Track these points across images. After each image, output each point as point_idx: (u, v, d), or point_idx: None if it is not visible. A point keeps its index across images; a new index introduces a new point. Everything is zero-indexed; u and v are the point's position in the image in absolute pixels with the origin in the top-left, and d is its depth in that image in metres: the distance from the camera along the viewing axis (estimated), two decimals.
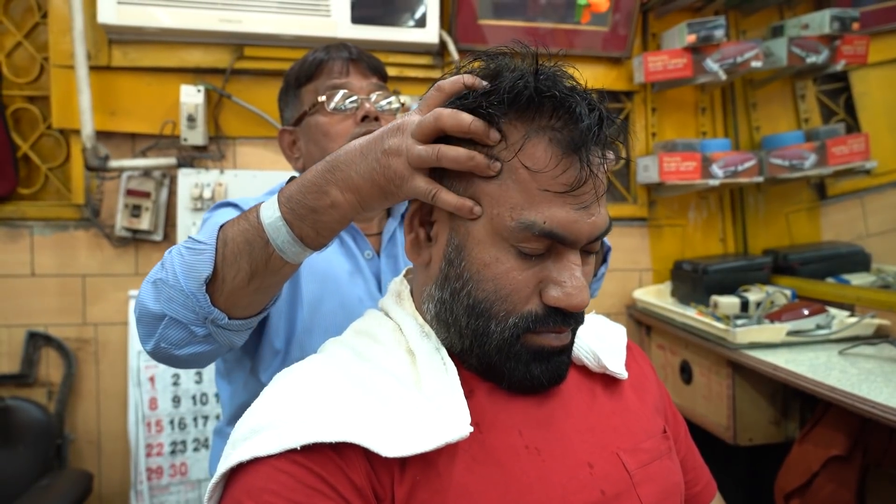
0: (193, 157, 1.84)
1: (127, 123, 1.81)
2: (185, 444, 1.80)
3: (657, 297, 2.03)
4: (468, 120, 0.59)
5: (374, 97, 1.04)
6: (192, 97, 1.76)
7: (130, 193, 1.78)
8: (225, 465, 0.56)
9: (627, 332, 0.84)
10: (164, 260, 0.72)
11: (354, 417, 0.56)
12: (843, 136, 2.00)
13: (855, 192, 2.16)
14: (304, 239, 0.66)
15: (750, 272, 1.91)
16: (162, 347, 0.73)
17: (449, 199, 0.61)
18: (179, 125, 1.78)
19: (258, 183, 1.82)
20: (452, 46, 1.91)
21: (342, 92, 1.02)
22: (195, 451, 1.80)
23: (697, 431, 1.46)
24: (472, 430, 0.57)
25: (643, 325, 2.05)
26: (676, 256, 2.12)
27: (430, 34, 1.85)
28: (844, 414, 1.34)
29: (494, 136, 0.59)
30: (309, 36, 1.77)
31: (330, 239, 0.69)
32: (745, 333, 1.54)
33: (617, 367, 0.73)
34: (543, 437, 0.63)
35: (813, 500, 1.39)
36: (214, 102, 1.85)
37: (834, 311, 1.69)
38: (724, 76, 1.94)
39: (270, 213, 0.66)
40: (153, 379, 1.79)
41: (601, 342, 0.76)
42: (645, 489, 0.64)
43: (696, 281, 1.89)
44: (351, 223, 1.03)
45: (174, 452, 1.79)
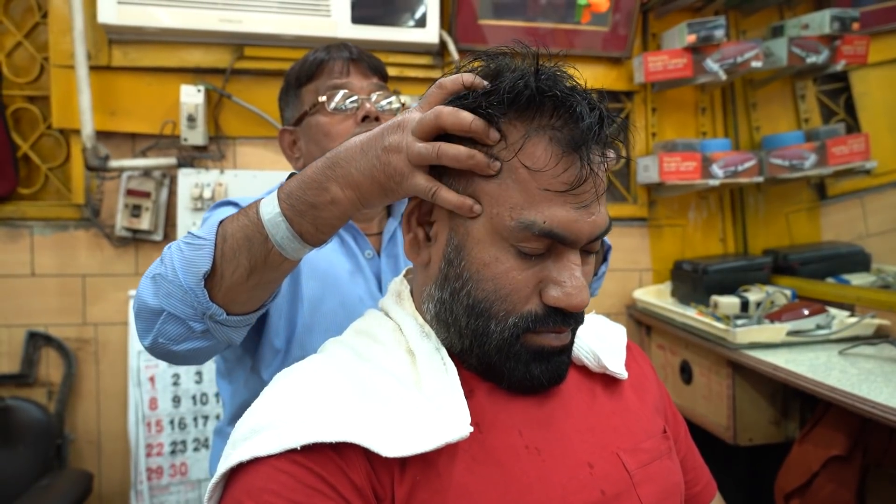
0: (193, 157, 1.84)
1: (127, 123, 1.81)
2: (185, 443, 1.80)
3: (657, 297, 2.03)
4: (468, 118, 0.59)
5: (374, 97, 1.04)
6: (192, 97, 1.76)
7: (130, 193, 1.78)
8: (225, 464, 0.56)
9: (627, 332, 0.84)
10: (163, 255, 0.72)
11: (354, 417, 0.56)
12: (843, 136, 2.00)
13: (855, 192, 2.16)
14: (303, 235, 0.66)
15: (750, 272, 1.91)
16: (160, 343, 0.73)
17: (449, 197, 0.61)
18: (179, 125, 1.78)
19: (258, 183, 1.82)
20: (452, 46, 1.91)
21: (343, 92, 1.02)
22: (195, 451, 1.80)
23: (697, 431, 1.46)
24: (472, 430, 0.57)
25: (643, 325, 2.05)
26: (676, 256, 2.12)
27: (430, 34, 1.85)
28: (844, 414, 1.34)
29: (494, 135, 0.59)
30: (309, 36, 1.77)
31: (329, 235, 0.68)
32: (745, 333, 1.54)
33: (617, 367, 0.73)
34: (543, 437, 0.63)
35: (813, 500, 1.39)
36: (214, 102, 1.85)
37: (834, 311, 1.69)
38: (724, 76, 1.94)
39: (270, 209, 0.66)
40: (153, 379, 1.79)
41: (601, 342, 0.76)
42: (645, 489, 0.64)
43: (696, 281, 1.89)
44: (352, 223, 1.04)
45: (174, 452, 1.79)
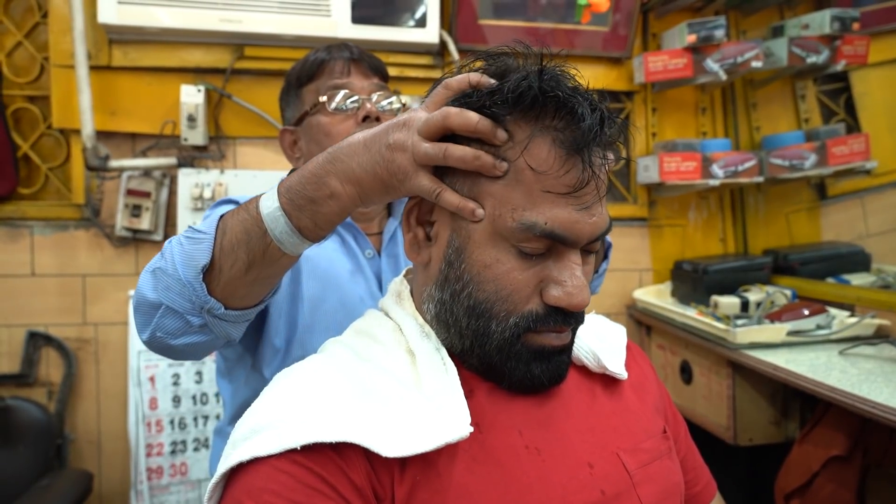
0: (194, 156, 1.84)
1: (127, 123, 1.81)
2: (185, 443, 1.80)
3: (657, 297, 2.03)
4: (476, 119, 0.58)
5: (375, 97, 1.04)
6: (192, 97, 1.76)
7: (131, 193, 1.78)
8: (225, 464, 0.56)
9: (627, 332, 0.84)
10: (164, 249, 0.72)
11: (354, 417, 0.56)
12: (843, 136, 2.00)
13: (855, 192, 2.16)
14: (302, 230, 0.66)
15: (750, 272, 1.91)
16: (157, 337, 0.73)
17: (452, 199, 0.61)
18: (180, 125, 1.78)
19: (258, 183, 1.82)
20: (453, 46, 1.91)
21: (343, 92, 1.02)
22: (195, 450, 1.80)
23: (697, 431, 1.46)
24: (472, 430, 0.57)
25: (643, 325, 2.05)
26: (676, 256, 2.12)
27: (430, 34, 1.85)
28: (845, 414, 1.34)
29: (502, 135, 0.59)
30: (309, 36, 1.77)
31: (328, 231, 0.68)
32: (745, 333, 1.54)
33: (617, 367, 0.73)
34: (543, 437, 0.63)
35: (813, 500, 1.39)
36: (215, 102, 1.85)
37: (834, 311, 1.69)
38: (724, 76, 1.94)
39: (269, 203, 0.66)
40: (153, 379, 1.79)
41: (601, 342, 0.76)
42: (645, 489, 0.64)
43: (696, 281, 1.89)
44: (352, 223, 1.04)
45: (174, 452, 1.79)
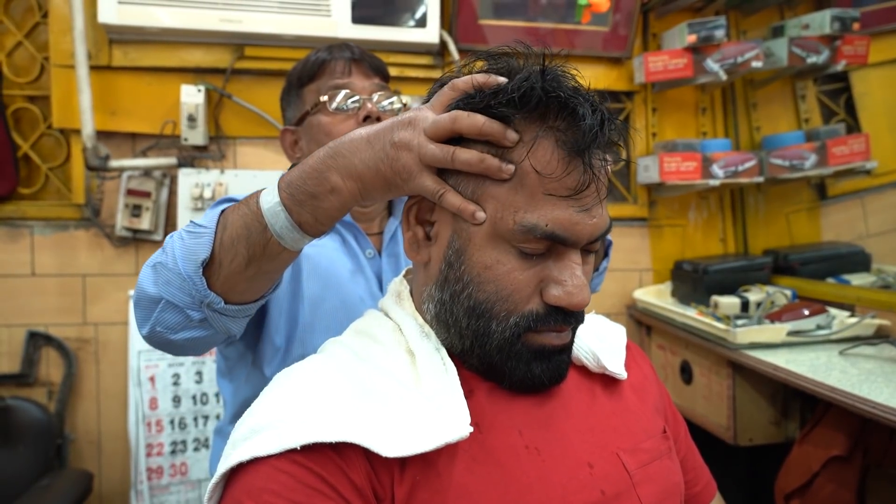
0: (194, 156, 1.84)
1: (127, 123, 1.81)
2: (185, 443, 1.80)
3: (657, 297, 2.03)
4: (485, 122, 0.58)
5: (376, 97, 1.04)
6: (192, 97, 1.76)
7: (131, 193, 1.78)
8: (225, 465, 0.56)
9: (627, 332, 0.84)
10: (165, 244, 0.72)
11: (354, 417, 0.56)
12: (843, 136, 2.00)
13: (855, 192, 2.16)
14: (302, 225, 0.66)
15: (750, 272, 1.91)
16: (157, 331, 0.73)
17: (454, 201, 0.60)
18: (180, 125, 1.78)
19: (258, 183, 1.80)
20: (453, 46, 1.91)
21: (344, 92, 1.02)
22: (195, 450, 1.81)
23: (697, 431, 1.46)
24: (471, 430, 0.57)
25: (643, 325, 2.04)
26: (677, 256, 2.12)
27: (430, 34, 1.85)
28: (845, 414, 1.34)
29: (512, 136, 0.58)
30: (309, 36, 1.77)
31: (329, 226, 0.68)
32: (745, 334, 1.54)
33: (616, 367, 0.73)
34: (543, 437, 0.63)
35: (813, 500, 1.38)
36: (215, 102, 1.85)
37: (834, 311, 1.69)
38: (724, 76, 1.94)
39: (270, 198, 0.66)
40: (153, 379, 1.79)
41: (601, 342, 0.76)
42: (645, 489, 0.64)
43: (696, 281, 1.89)
44: (353, 223, 1.04)
45: (174, 452, 1.79)
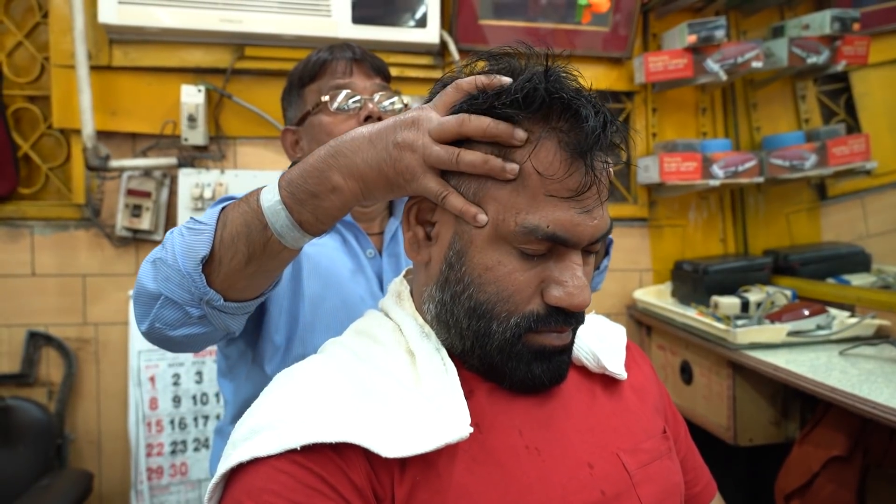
0: (194, 156, 1.84)
1: (127, 123, 1.81)
2: (185, 443, 1.80)
3: (657, 297, 2.03)
4: (491, 123, 0.58)
5: (377, 97, 1.04)
6: (192, 97, 1.76)
7: (131, 193, 1.78)
8: (225, 465, 0.56)
9: (628, 332, 0.84)
10: (165, 240, 0.72)
11: (354, 418, 0.56)
12: (843, 136, 2.00)
13: (855, 192, 2.16)
14: (303, 224, 0.66)
15: (750, 272, 1.91)
16: (156, 328, 0.72)
17: (457, 203, 0.60)
18: (180, 125, 1.78)
19: (259, 183, 1.77)
20: (453, 46, 1.90)
21: (345, 92, 1.02)
22: (195, 450, 1.81)
23: (698, 432, 1.46)
24: (471, 430, 0.57)
25: (643, 325, 2.04)
26: (677, 257, 2.12)
27: (430, 34, 1.84)
28: (845, 414, 1.34)
29: (521, 135, 0.58)
30: (309, 36, 1.77)
31: (329, 225, 0.68)
32: (745, 334, 1.54)
33: (616, 367, 0.73)
34: (543, 437, 0.63)
35: (813, 500, 1.38)
36: (215, 102, 1.85)
37: (834, 311, 1.69)
38: (724, 76, 1.94)
39: (270, 196, 0.66)
40: (153, 379, 1.79)
41: (601, 343, 0.76)
42: (645, 489, 0.64)
43: (696, 281, 1.88)
44: (354, 223, 1.04)
45: (174, 452, 1.79)
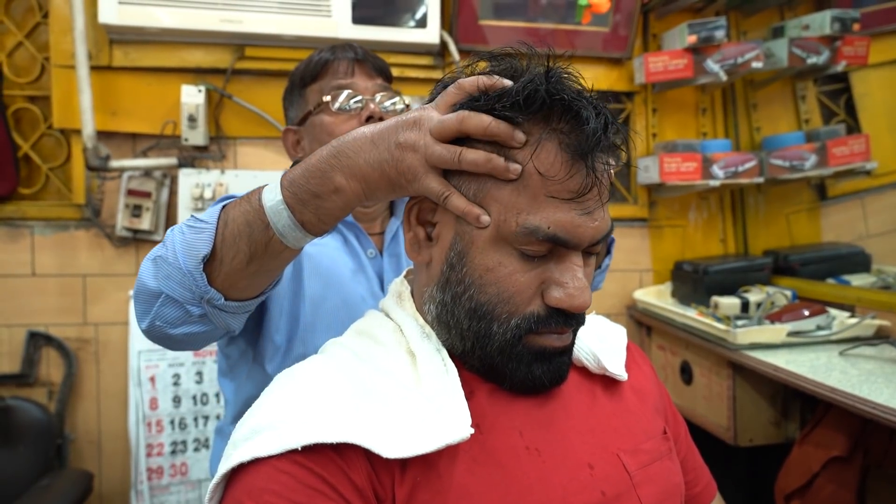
0: (194, 157, 1.84)
1: (128, 123, 1.81)
2: (185, 444, 1.80)
3: (657, 297, 2.03)
4: (491, 122, 0.58)
5: (378, 98, 1.04)
6: (192, 97, 1.76)
7: (131, 193, 1.78)
8: (226, 465, 0.56)
9: (628, 332, 0.84)
10: (165, 238, 0.72)
11: (355, 418, 0.56)
12: (843, 136, 2.00)
13: (855, 192, 2.16)
14: (305, 224, 0.66)
15: (750, 273, 1.91)
16: (157, 326, 0.72)
17: (459, 204, 0.60)
18: (180, 125, 1.78)
19: (259, 183, 1.78)
20: (453, 47, 1.91)
21: (347, 92, 1.02)
22: (196, 451, 1.81)
23: (698, 432, 1.46)
24: (472, 431, 0.57)
25: (643, 325, 2.05)
26: (677, 257, 2.12)
27: (430, 35, 1.85)
28: (845, 415, 1.34)
29: (520, 137, 0.58)
30: (310, 36, 1.77)
31: (331, 225, 0.68)
32: (745, 334, 1.54)
33: (617, 368, 0.73)
34: (544, 437, 0.63)
35: (813, 500, 1.39)
36: (215, 102, 1.85)
37: (834, 311, 1.69)
38: (724, 77, 1.94)
39: (272, 196, 0.66)
40: (153, 379, 1.79)
41: (601, 343, 0.76)
42: (645, 490, 0.64)
43: (696, 281, 1.89)
44: (355, 223, 1.04)
45: (174, 452, 1.79)
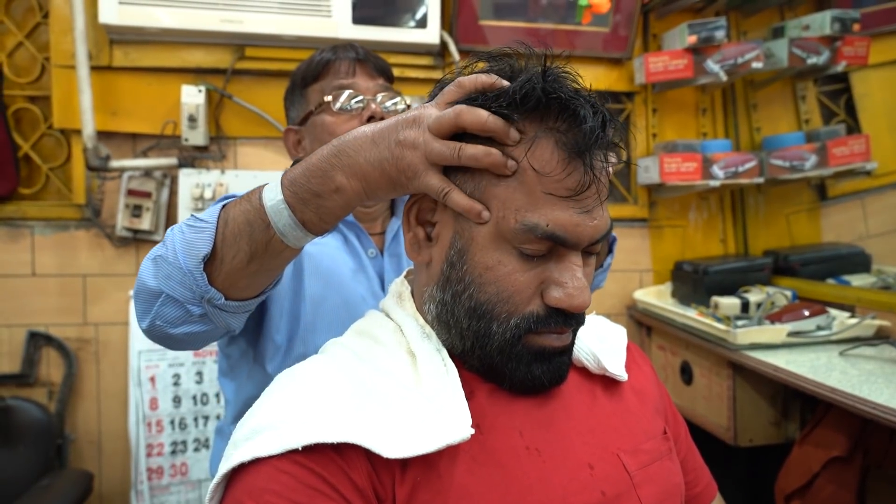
0: (194, 157, 1.84)
1: (128, 123, 1.81)
2: (185, 444, 1.80)
3: (658, 297, 2.03)
4: (487, 117, 0.58)
5: (379, 98, 1.04)
6: (193, 97, 1.76)
7: (131, 193, 1.78)
8: (226, 465, 0.56)
9: (628, 332, 0.84)
10: (165, 237, 0.72)
11: (356, 418, 0.56)
12: (843, 137, 2.00)
13: (855, 193, 2.16)
14: (305, 224, 0.66)
15: (750, 273, 1.91)
16: (157, 325, 0.72)
17: (460, 200, 0.60)
18: (180, 125, 1.78)
19: (259, 183, 1.80)
20: (453, 47, 1.91)
21: (348, 92, 1.02)
22: (196, 451, 1.81)
23: (698, 432, 1.46)
24: (472, 431, 0.57)
25: (644, 325, 2.05)
26: (677, 257, 2.12)
27: (430, 35, 1.85)
28: (845, 415, 1.34)
29: (514, 134, 0.59)
30: (310, 36, 1.77)
31: (332, 225, 0.68)
32: (745, 334, 1.54)
33: (617, 368, 0.73)
34: (544, 438, 0.63)
35: (813, 500, 1.39)
36: (215, 103, 1.85)
37: (834, 312, 1.69)
38: (724, 77, 1.94)
39: (272, 195, 0.66)
40: (154, 379, 1.79)
41: (601, 343, 0.76)
42: (645, 490, 0.64)
43: (696, 282, 1.89)
44: (356, 223, 1.04)
45: (175, 452, 1.79)
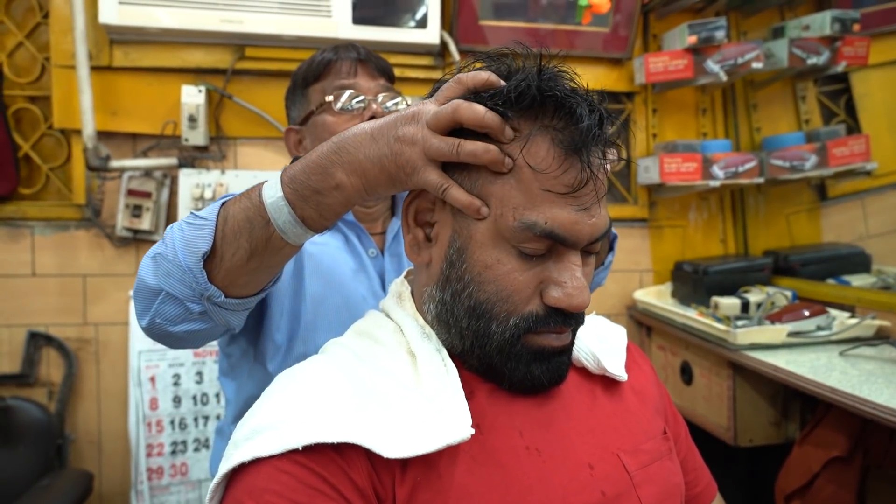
0: (194, 157, 1.84)
1: (128, 123, 1.81)
2: (185, 444, 1.80)
3: (658, 297, 2.03)
4: (484, 112, 0.58)
5: (380, 98, 1.04)
6: (193, 97, 1.76)
7: (131, 193, 1.78)
8: (227, 465, 0.56)
9: (628, 332, 0.84)
10: (165, 235, 0.72)
11: (356, 418, 0.56)
12: (843, 137, 2.00)
13: (855, 193, 2.16)
14: (305, 220, 0.66)
15: (750, 273, 1.91)
16: (157, 323, 0.72)
17: (459, 195, 0.60)
18: (180, 125, 1.78)
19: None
20: (453, 47, 1.91)
21: (349, 92, 1.02)
22: (196, 451, 1.81)
23: (698, 432, 1.46)
24: (473, 431, 0.57)
25: (644, 325, 2.05)
26: (677, 257, 2.12)
27: (430, 35, 1.85)
28: (845, 415, 1.34)
29: (509, 133, 0.59)
30: (310, 36, 1.77)
31: (332, 221, 0.68)
32: (745, 334, 1.54)
33: (616, 368, 0.73)
34: (544, 437, 0.63)
35: (813, 501, 1.39)
36: (215, 103, 1.85)
37: (834, 312, 1.69)
38: (724, 77, 1.94)
39: (272, 192, 0.65)
40: (154, 379, 1.79)
41: (601, 344, 0.76)
42: (645, 490, 0.64)
43: (696, 282, 1.89)
44: (357, 223, 1.04)
45: (175, 452, 1.79)
